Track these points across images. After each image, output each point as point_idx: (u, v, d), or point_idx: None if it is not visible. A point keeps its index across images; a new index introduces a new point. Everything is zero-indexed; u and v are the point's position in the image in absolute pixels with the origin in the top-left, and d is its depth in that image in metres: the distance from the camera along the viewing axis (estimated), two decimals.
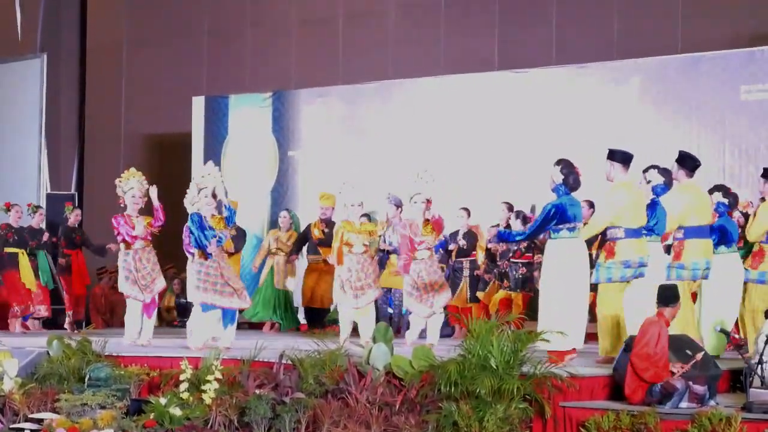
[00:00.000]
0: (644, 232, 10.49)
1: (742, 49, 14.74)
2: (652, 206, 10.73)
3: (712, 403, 8.78)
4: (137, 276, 12.84)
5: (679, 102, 14.88)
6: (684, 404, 8.70)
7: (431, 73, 17.28)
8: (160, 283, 13.13)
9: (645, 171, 11.09)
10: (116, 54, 21.44)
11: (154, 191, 13.17)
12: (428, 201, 12.55)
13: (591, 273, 10.51)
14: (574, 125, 15.32)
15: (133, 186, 13.22)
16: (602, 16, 16.75)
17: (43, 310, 15.81)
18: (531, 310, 12.80)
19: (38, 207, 16.29)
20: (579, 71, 15.74)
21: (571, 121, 15.38)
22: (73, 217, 16.17)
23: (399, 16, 18.72)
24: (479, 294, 14.66)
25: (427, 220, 12.48)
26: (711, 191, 11.76)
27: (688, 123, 14.75)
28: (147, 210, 13.38)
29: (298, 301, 16.04)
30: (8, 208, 15.74)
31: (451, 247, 14.91)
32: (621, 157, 10.43)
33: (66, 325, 15.44)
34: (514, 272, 14.24)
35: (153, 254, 13.15)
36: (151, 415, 9.53)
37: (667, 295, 9.36)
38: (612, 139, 14.72)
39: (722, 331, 9.92)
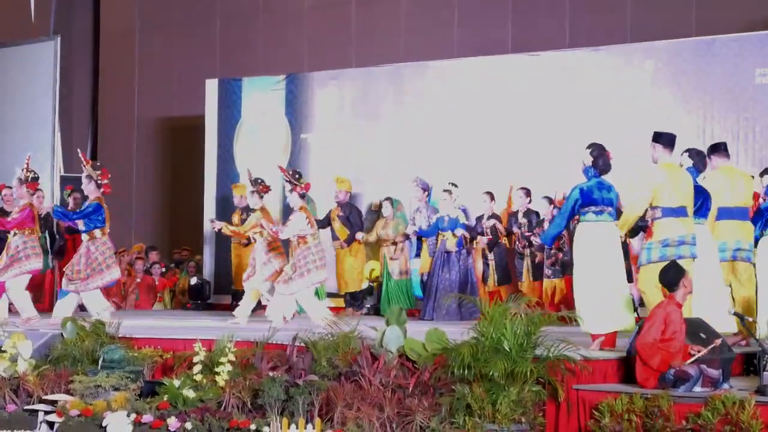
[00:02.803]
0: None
1: (757, 32, 14.67)
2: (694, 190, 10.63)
3: (725, 386, 8.76)
4: None
5: (693, 85, 14.81)
6: (698, 388, 8.69)
7: (444, 57, 17.25)
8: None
9: (680, 155, 11.05)
10: (129, 36, 21.47)
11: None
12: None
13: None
14: (587, 109, 15.28)
15: None
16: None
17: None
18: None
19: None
20: (592, 54, 15.68)
21: (584, 104, 15.34)
22: (71, 201, 16.18)
23: None
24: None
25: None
26: (762, 174, 11.73)
27: (702, 106, 14.68)
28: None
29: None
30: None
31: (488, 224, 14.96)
32: (666, 140, 10.32)
33: None
34: (548, 258, 14.24)
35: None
36: (165, 397, 9.56)
37: (667, 280, 9.29)
38: (626, 122, 14.74)
39: (737, 314, 9.89)
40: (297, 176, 13.14)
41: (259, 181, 14.07)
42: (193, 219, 16.02)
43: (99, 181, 13.06)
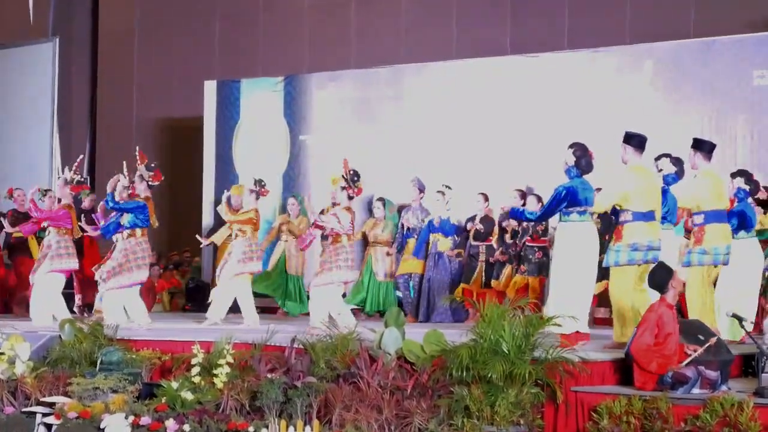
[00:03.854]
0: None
1: (755, 34, 14.66)
2: (662, 194, 10.69)
3: (724, 388, 8.77)
4: None
5: (692, 87, 14.81)
6: (696, 390, 8.70)
7: (443, 58, 17.24)
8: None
9: (657, 159, 11.08)
10: (128, 38, 21.45)
11: None
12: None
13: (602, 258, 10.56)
14: (586, 110, 15.27)
15: None
16: (615, 1, 16.69)
17: None
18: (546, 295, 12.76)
19: (48, 190, 16.26)
20: (591, 56, 15.67)
21: (583, 105, 15.33)
22: (87, 201, 16.17)
23: (411, 0, 18.69)
24: (493, 282, 14.59)
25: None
26: (733, 175, 11.76)
27: (701, 108, 14.67)
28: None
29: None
30: (11, 194, 15.75)
31: (469, 227, 14.90)
32: (637, 142, 10.39)
33: (75, 309, 15.44)
34: (531, 257, 14.15)
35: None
36: (163, 399, 9.57)
37: (657, 282, 9.34)
38: (624, 123, 14.70)
39: (735, 316, 9.88)
40: (355, 178, 13.03)
41: (263, 183, 14.04)
42: (191, 220, 15.99)
43: (150, 182, 13.14)
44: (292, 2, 19.96)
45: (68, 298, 16.36)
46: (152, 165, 13.34)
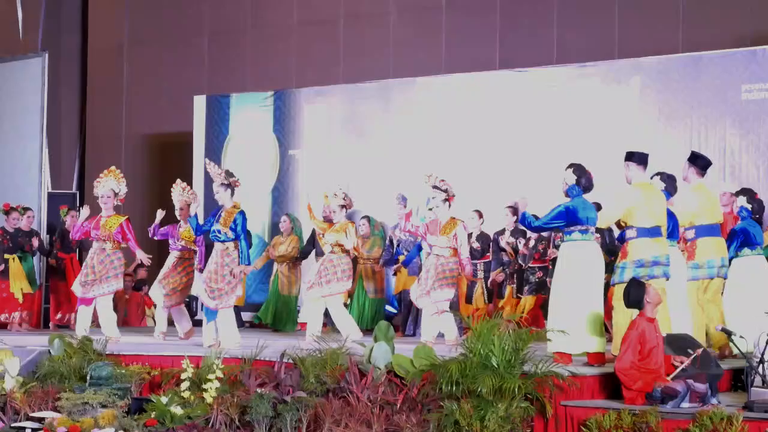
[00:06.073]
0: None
1: (743, 49, 14.70)
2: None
3: (713, 401, 8.78)
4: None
5: (680, 102, 14.85)
6: (685, 404, 8.71)
7: (432, 73, 17.26)
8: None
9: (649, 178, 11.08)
10: (117, 53, 21.44)
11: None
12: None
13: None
14: (575, 125, 15.30)
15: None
16: (603, 16, 16.72)
17: (27, 315, 15.83)
18: (544, 312, 12.72)
19: (27, 209, 16.13)
20: (580, 71, 15.71)
21: (572, 120, 15.36)
22: (69, 219, 16.09)
23: (400, 15, 18.71)
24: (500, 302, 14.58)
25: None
26: (737, 194, 11.81)
27: (689, 123, 14.72)
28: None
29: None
30: (7, 210, 15.66)
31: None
32: (638, 158, 10.35)
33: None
34: (531, 276, 14.14)
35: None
36: (153, 414, 9.56)
37: (631, 301, 9.34)
38: (613, 138, 14.77)
39: (724, 330, 9.90)
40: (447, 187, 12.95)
41: (346, 196, 13.72)
42: None
43: (233, 188, 12.79)
44: (280, 18, 19.97)
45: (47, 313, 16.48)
46: (230, 171, 12.99)
